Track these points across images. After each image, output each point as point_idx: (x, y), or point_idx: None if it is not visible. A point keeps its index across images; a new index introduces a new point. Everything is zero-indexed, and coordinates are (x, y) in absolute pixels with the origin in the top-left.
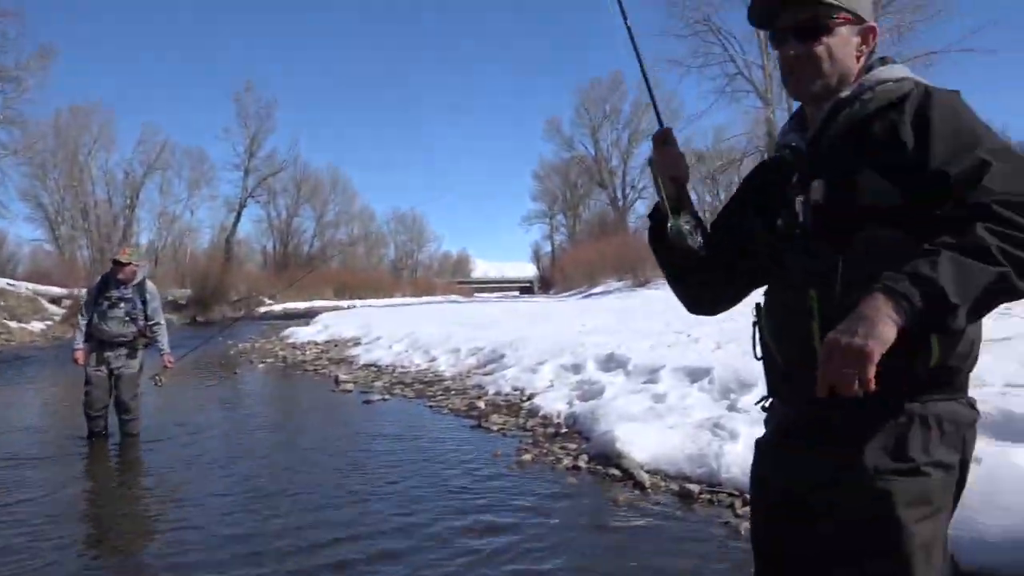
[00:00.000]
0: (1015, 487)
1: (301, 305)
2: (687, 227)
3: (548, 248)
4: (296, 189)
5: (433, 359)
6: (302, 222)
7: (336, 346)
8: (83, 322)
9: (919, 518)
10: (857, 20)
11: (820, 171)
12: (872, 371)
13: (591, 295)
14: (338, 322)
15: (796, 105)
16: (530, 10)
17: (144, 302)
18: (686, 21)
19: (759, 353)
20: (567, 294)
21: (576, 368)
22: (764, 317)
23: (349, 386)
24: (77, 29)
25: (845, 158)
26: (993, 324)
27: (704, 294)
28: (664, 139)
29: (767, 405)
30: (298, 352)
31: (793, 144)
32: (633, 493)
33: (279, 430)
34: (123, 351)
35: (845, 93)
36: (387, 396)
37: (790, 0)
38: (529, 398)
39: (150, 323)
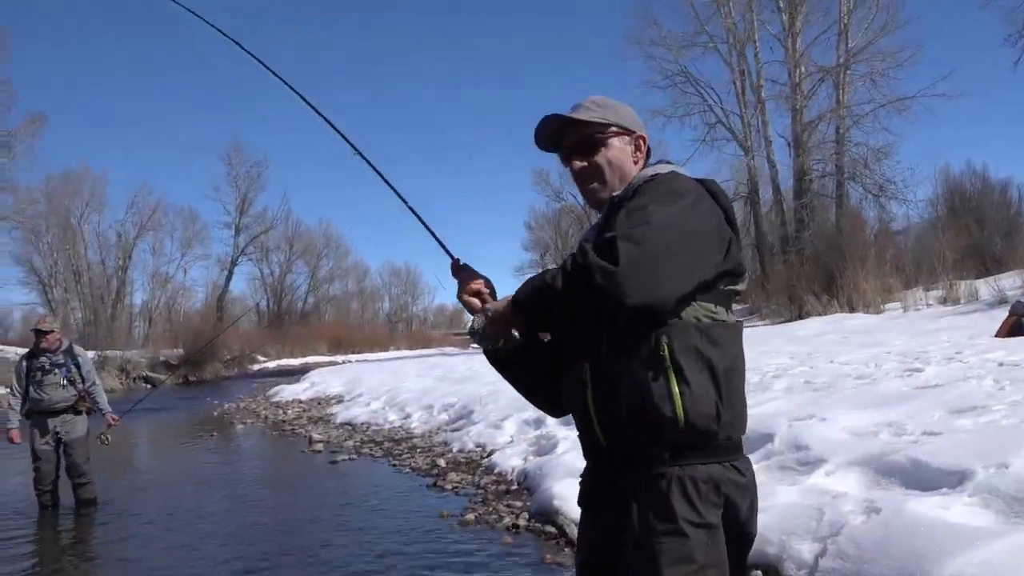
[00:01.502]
0: (907, 536)
1: (295, 361)
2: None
3: None
4: (288, 246)
5: (407, 416)
6: (295, 278)
7: (319, 404)
8: (16, 401)
9: None
10: (627, 132)
11: None
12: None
13: None
14: (326, 379)
15: (778, 151)
16: (513, 59)
17: (77, 365)
18: (664, 73)
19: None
20: None
21: (537, 423)
22: (563, 391)
23: (320, 446)
24: (65, 93)
25: None
26: (935, 371)
27: (543, 395)
28: (457, 269)
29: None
30: (280, 412)
31: (587, 239)
32: (563, 552)
33: (235, 493)
34: (68, 416)
35: (617, 193)
36: (355, 456)
37: (570, 124)
38: (489, 455)
39: (87, 385)
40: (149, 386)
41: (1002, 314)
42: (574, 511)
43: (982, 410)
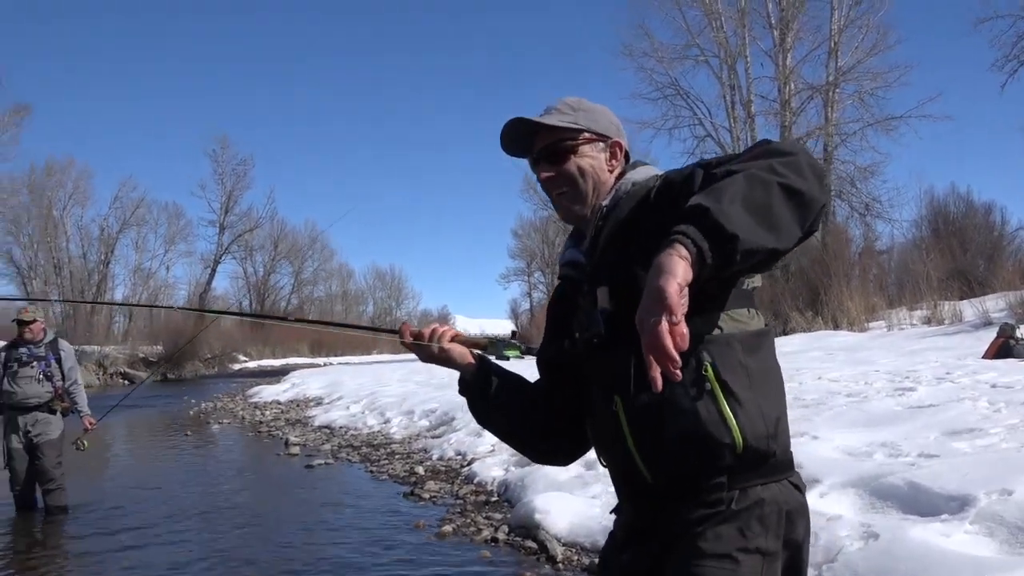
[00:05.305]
0: (908, 565)
1: (276, 362)
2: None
3: (527, 305)
4: (273, 246)
5: (387, 421)
6: (279, 279)
7: (297, 406)
8: None
9: None
10: (600, 138)
11: (601, 279)
12: (676, 304)
13: None
14: (307, 381)
15: None
16: (506, 69)
17: (59, 360)
18: (655, 85)
19: (603, 462)
20: None
21: None
22: (590, 429)
23: (296, 449)
24: (54, 84)
25: (619, 261)
26: (926, 391)
27: (541, 438)
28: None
29: (615, 508)
30: (258, 412)
31: (573, 260)
32: (543, 568)
33: (205, 497)
34: (40, 415)
35: (605, 202)
36: (331, 460)
37: (537, 129)
38: (469, 463)
39: (67, 383)
40: (127, 382)
41: (987, 335)
42: (555, 526)
43: (979, 432)
